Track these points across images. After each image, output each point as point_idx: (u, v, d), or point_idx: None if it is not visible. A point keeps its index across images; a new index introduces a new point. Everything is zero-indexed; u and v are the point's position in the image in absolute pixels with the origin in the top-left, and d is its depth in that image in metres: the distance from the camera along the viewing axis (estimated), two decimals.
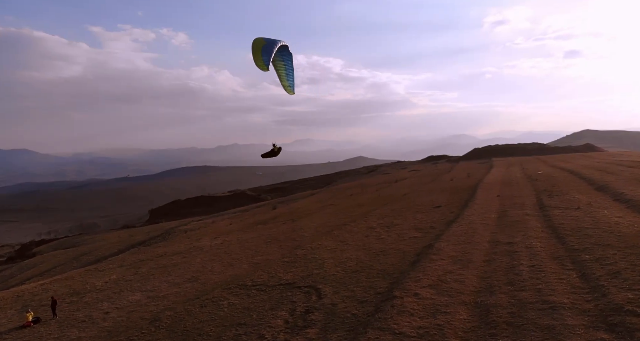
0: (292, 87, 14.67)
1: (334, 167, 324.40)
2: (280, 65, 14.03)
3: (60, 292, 15.84)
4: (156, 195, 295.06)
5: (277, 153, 15.19)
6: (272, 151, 15.08)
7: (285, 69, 14.18)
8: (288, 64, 14.13)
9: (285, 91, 14.72)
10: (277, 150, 15.12)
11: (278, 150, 15.15)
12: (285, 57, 13.88)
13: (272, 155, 15.17)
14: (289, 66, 14.18)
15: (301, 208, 40.77)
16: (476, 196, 28.54)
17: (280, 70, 14.15)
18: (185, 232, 41.21)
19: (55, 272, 33.31)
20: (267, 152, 15.23)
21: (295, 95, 14.67)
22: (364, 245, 16.79)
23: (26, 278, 34.75)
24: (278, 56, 13.64)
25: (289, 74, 14.38)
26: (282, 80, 14.37)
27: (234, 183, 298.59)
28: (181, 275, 15.45)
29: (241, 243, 21.99)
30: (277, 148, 15.10)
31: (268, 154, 15.20)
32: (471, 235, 16.24)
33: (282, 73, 14.20)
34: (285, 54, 13.79)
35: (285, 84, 14.55)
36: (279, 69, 14.11)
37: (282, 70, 14.18)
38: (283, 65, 14.09)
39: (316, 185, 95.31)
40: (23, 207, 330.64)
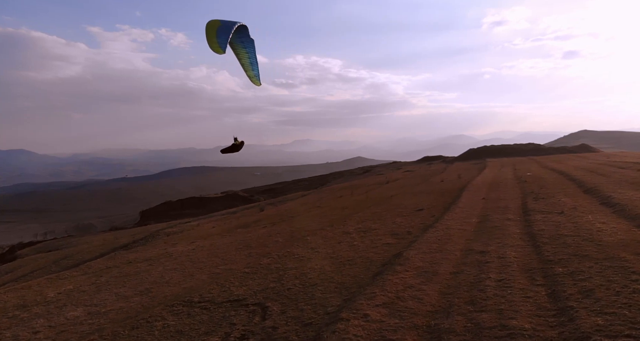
0: (258, 77, 13.58)
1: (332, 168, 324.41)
2: (242, 53, 12.81)
3: (9, 304, 14.82)
4: (154, 195, 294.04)
5: (239, 148, 14.19)
6: (233, 146, 14.09)
7: (248, 58, 12.97)
8: (251, 52, 12.89)
9: (251, 82, 13.64)
10: (240, 145, 14.13)
11: (240, 145, 14.16)
12: (246, 43, 12.62)
13: (234, 150, 14.19)
14: (252, 54, 12.94)
15: (287, 211, 39.86)
16: (461, 199, 27.67)
17: (243, 59, 12.95)
18: (167, 235, 40.23)
19: (31, 277, 32.31)
20: (227, 146, 14.22)
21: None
22: (333, 253, 15.85)
23: (1, 283, 33.74)
24: (238, 42, 12.47)
25: (253, 63, 13.19)
26: (247, 69, 13.21)
27: (232, 183, 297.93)
28: (135, 286, 14.46)
29: (212, 250, 21.03)
30: (239, 142, 14.11)
31: (228, 149, 14.20)
32: (445, 242, 15.32)
33: (246, 62, 13.03)
34: (245, 39, 12.51)
35: (251, 74, 13.43)
36: (241, 58, 12.92)
37: (245, 59, 12.99)
38: (245, 53, 12.87)
39: (309, 186, 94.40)
40: (20, 207, 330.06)
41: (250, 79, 13.51)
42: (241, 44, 12.58)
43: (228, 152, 14.23)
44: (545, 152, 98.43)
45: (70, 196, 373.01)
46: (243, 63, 12.97)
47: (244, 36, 12.36)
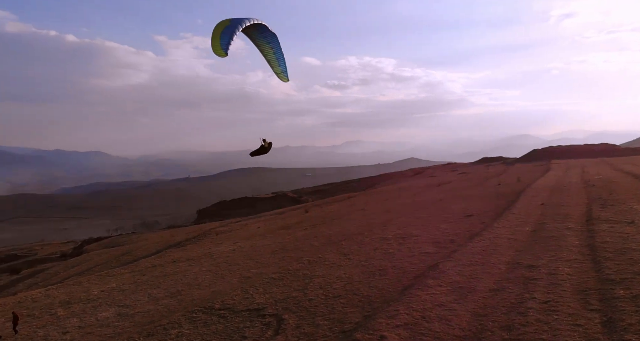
0: (285, 73, 13.18)
1: (383, 169, 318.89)
2: (266, 49, 12.42)
3: (57, 300, 15.71)
4: (213, 195, 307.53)
5: (267, 150, 13.89)
6: (261, 147, 13.82)
7: (274, 53, 12.56)
8: (276, 47, 12.45)
9: (278, 78, 13.29)
10: (268, 146, 13.83)
11: (269, 146, 13.86)
12: (269, 38, 12.20)
13: (263, 152, 13.92)
14: (277, 48, 12.51)
15: (331, 213, 39.38)
16: (517, 204, 25.46)
17: (268, 54, 12.56)
18: (217, 234, 41.43)
19: (92, 272, 34.69)
20: (256, 149, 13.98)
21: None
22: (366, 261, 15.06)
23: (66, 276, 36.70)
24: (261, 38, 12.09)
25: (279, 58, 12.78)
26: (273, 65, 12.84)
27: (284, 184, 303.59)
28: (169, 287, 14.70)
29: (250, 252, 21.07)
30: (267, 144, 13.81)
31: (257, 151, 13.95)
32: (490, 253, 13.93)
33: (272, 58, 12.64)
34: (267, 34, 12.09)
35: (278, 70, 13.04)
36: (267, 54, 12.53)
37: (270, 55, 12.60)
38: (270, 48, 12.46)
39: (358, 188, 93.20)
40: (94, 205, 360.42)
41: (278, 75, 13.14)
42: (264, 39, 12.19)
43: (257, 155, 14.02)
44: (620, 153, 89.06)
45: (138, 195, 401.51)
46: (269, 59, 12.61)
47: (265, 31, 11.95)
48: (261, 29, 11.69)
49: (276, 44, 12.33)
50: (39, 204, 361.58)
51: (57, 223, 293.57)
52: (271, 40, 12.20)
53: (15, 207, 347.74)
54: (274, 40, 12.24)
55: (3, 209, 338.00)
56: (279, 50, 12.51)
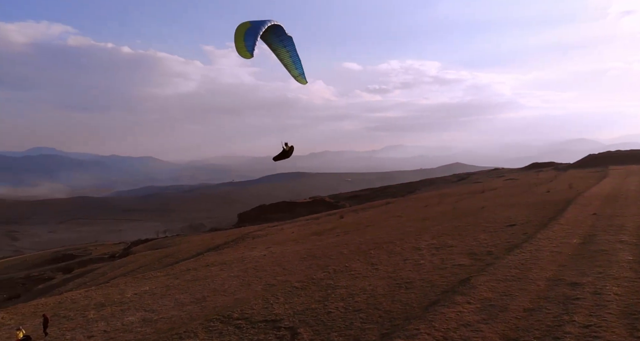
0: (303, 76, 13.03)
1: (426, 174, 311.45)
2: (282, 52, 12.32)
3: (92, 302, 16.33)
4: (255, 199, 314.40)
5: (289, 154, 13.75)
6: (283, 152, 13.69)
7: (290, 56, 12.44)
8: (292, 50, 12.33)
9: (297, 81, 13.15)
10: (289, 150, 13.68)
11: (290, 150, 13.71)
12: (286, 41, 12.10)
13: (285, 157, 13.79)
14: (293, 52, 12.39)
15: (365, 219, 38.64)
16: (566, 213, 23.61)
17: (285, 58, 12.47)
18: (253, 238, 41.93)
19: (136, 273, 36.17)
20: (278, 154, 13.88)
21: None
22: (394, 272, 14.42)
23: (112, 277, 38.50)
24: (277, 42, 12.01)
25: (296, 61, 12.65)
26: (291, 69, 12.72)
27: (324, 189, 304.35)
28: (196, 292, 14.84)
29: (279, 258, 20.98)
30: (289, 147, 13.66)
31: (280, 156, 13.84)
32: (529, 267, 12.85)
33: (289, 61, 12.54)
34: (284, 37, 12.00)
35: (295, 73, 12.90)
36: (283, 57, 12.45)
37: (287, 59, 12.50)
38: (286, 52, 12.35)
39: (397, 193, 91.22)
40: (146, 207, 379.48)
41: (296, 78, 12.98)
42: (280, 43, 12.09)
43: (279, 159, 13.93)
44: None
45: (186, 198, 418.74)
46: (286, 63, 12.49)
47: (281, 35, 11.84)
48: (278, 31, 11.62)
49: (292, 47, 12.22)
50: (95, 206, 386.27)
51: (112, 224, 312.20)
52: (287, 44, 12.11)
53: (74, 208, 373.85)
54: (290, 43, 12.14)
55: (64, 211, 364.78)
56: (295, 53, 12.39)
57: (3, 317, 14.89)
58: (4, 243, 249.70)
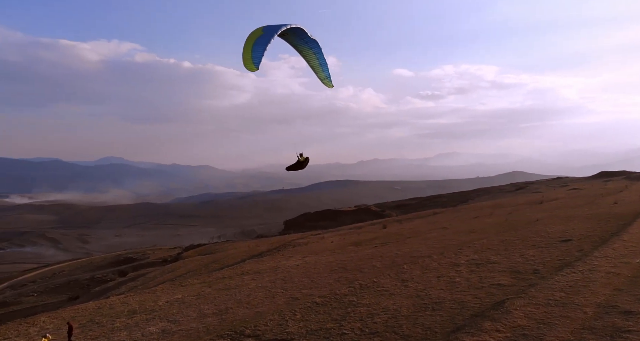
0: (329, 79, 12.66)
1: (483, 183, 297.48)
2: (309, 54, 12.01)
3: (127, 308, 16.83)
4: (303, 206, 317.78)
5: (304, 165, 13.33)
6: (297, 162, 13.30)
7: (317, 59, 12.13)
8: (318, 52, 12.00)
9: (323, 84, 12.81)
10: (304, 161, 13.27)
11: (305, 161, 13.29)
12: (311, 44, 11.77)
13: (299, 167, 13.39)
14: (319, 54, 12.04)
15: (408, 230, 37.15)
16: (631, 229, 21.01)
17: (312, 60, 12.16)
18: (294, 246, 41.89)
19: (183, 278, 37.39)
20: (292, 164, 13.52)
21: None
22: (423, 290, 13.41)
23: (161, 281, 40.04)
24: (303, 44, 11.72)
25: (322, 64, 12.32)
26: (317, 71, 12.41)
27: (372, 197, 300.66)
28: (221, 303, 14.79)
29: (311, 269, 20.54)
30: (304, 158, 13.25)
31: (294, 166, 13.47)
32: (578, 290, 11.33)
33: (316, 63, 12.24)
34: (308, 39, 11.65)
35: (322, 76, 12.57)
36: (310, 59, 12.15)
37: (314, 61, 12.19)
38: (313, 54, 12.04)
39: (447, 203, 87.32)
40: (202, 213, 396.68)
41: (322, 80, 12.62)
42: (305, 44, 11.75)
43: (293, 170, 13.56)
44: None
45: (240, 205, 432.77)
46: (312, 65, 12.16)
47: (305, 37, 11.50)
48: (300, 34, 11.36)
49: (318, 49, 11.93)
50: (157, 212, 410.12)
51: (172, 229, 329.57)
52: (313, 46, 11.83)
53: (138, 214, 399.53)
54: (316, 46, 11.84)
55: (129, 216, 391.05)
56: (321, 56, 12.09)
57: (44, 321, 15.74)
58: (76, 246, 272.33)
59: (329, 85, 12.84)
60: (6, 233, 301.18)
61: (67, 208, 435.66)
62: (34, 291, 73.99)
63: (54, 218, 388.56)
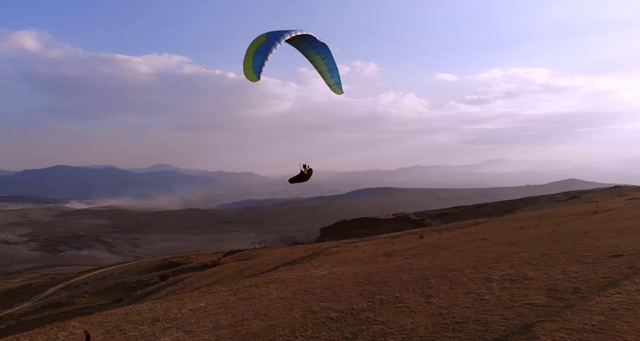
0: (339, 85, 12.23)
1: (534, 191, 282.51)
2: (317, 59, 11.60)
3: (152, 315, 17.12)
4: (342, 213, 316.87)
5: (307, 177, 12.91)
6: (301, 174, 12.91)
7: (326, 64, 11.70)
8: (327, 57, 11.53)
9: (332, 90, 12.39)
10: (308, 174, 12.84)
11: (308, 173, 12.86)
12: (320, 49, 11.36)
13: (302, 180, 12.99)
14: (328, 59, 11.57)
15: (445, 241, 35.57)
16: None
17: (320, 66, 11.76)
18: (326, 255, 41.39)
19: (219, 283, 38.03)
20: (295, 176, 13.13)
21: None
22: (447, 308, 12.53)
23: (198, 286, 40.97)
24: (311, 49, 11.34)
25: (332, 69, 11.87)
26: (326, 77, 11.99)
27: (413, 205, 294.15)
28: (239, 314, 14.66)
29: (335, 280, 20.05)
30: (307, 170, 12.83)
31: (297, 179, 13.08)
32: (621, 314, 10.05)
33: (324, 69, 11.82)
34: (317, 45, 11.26)
35: (331, 82, 12.15)
36: (318, 65, 11.75)
37: (322, 66, 11.78)
38: (322, 59, 11.62)
39: (492, 212, 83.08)
40: (245, 219, 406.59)
41: (331, 87, 12.19)
42: (314, 50, 11.33)
43: (296, 182, 13.17)
44: None
45: (280, 211, 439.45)
46: (321, 70, 11.75)
47: (313, 42, 11.08)
48: (309, 39, 10.98)
49: (328, 54, 11.46)
50: (203, 218, 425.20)
51: (216, 234, 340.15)
52: (322, 51, 11.41)
53: (186, 219, 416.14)
54: (325, 51, 11.40)
55: (177, 221, 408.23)
56: (331, 61, 11.60)
57: (74, 326, 16.31)
58: (127, 250, 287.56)
59: (338, 92, 12.41)
60: (66, 237, 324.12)
61: (121, 213, 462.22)
62: (86, 292, 78.44)
63: (108, 222, 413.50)
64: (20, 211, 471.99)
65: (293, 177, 13.53)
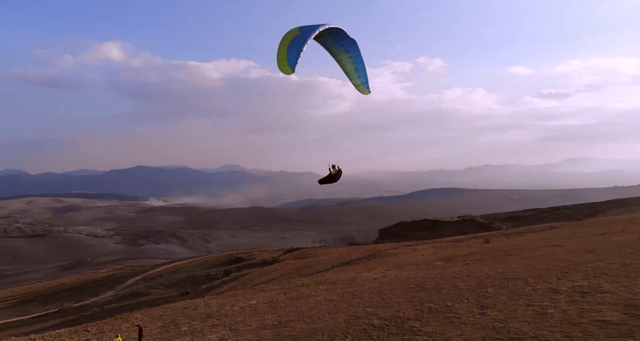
0: (366, 85, 11.48)
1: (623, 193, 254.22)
2: (344, 58, 10.88)
3: (206, 311, 17.78)
4: (403, 214, 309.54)
5: (336, 178, 12.41)
6: (329, 175, 12.46)
7: (352, 63, 10.93)
8: (355, 55, 10.76)
9: (357, 90, 11.71)
10: (337, 174, 12.35)
11: (337, 174, 12.35)
12: (348, 46, 10.61)
13: (331, 181, 12.52)
14: (356, 58, 10.80)
15: (513, 247, 33.02)
16: None
17: (346, 65, 11.04)
18: (382, 257, 40.47)
19: (277, 281, 38.90)
20: (324, 177, 12.68)
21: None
22: (503, 321, 11.44)
23: (257, 283, 42.20)
24: (338, 47, 10.66)
25: (359, 69, 11.09)
26: (352, 77, 11.29)
27: (481, 207, 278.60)
28: (284, 314, 14.74)
29: (385, 284, 19.43)
30: (336, 170, 12.33)
31: (326, 180, 12.63)
32: None
33: (350, 69, 11.11)
34: (345, 42, 10.50)
35: (357, 82, 11.44)
36: (344, 64, 11.02)
37: (349, 66, 11.06)
38: (348, 58, 10.87)
39: (570, 216, 75.60)
40: (305, 218, 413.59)
41: (357, 87, 11.47)
42: (341, 48, 10.65)
43: (325, 183, 12.70)
44: None
45: (339, 211, 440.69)
46: (348, 70, 11.05)
47: (342, 38, 10.42)
48: (338, 35, 10.31)
49: (355, 52, 10.72)
50: (267, 216, 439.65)
51: (279, 232, 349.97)
52: (350, 49, 10.68)
53: (251, 217, 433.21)
54: (353, 48, 10.66)
55: (243, 219, 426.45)
56: (359, 59, 10.83)
57: (136, 318, 17.44)
58: (199, 245, 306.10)
59: (365, 92, 11.71)
60: (146, 232, 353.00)
61: (193, 211, 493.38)
62: (160, 284, 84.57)
63: (182, 219, 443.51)
64: (107, 208, 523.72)
65: (322, 178, 13.23)
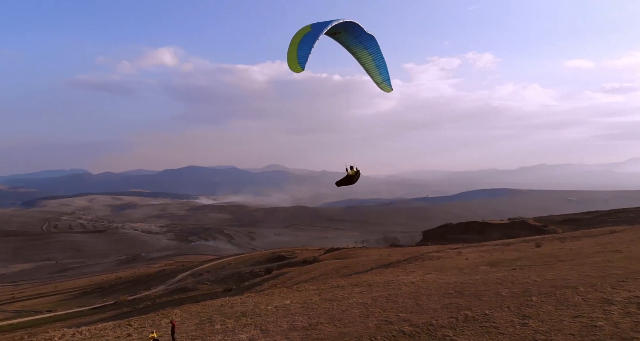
0: (388, 82, 10.91)
1: None
2: (364, 55, 10.37)
3: (241, 309, 18.08)
4: (449, 216, 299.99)
5: (354, 180, 12.00)
6: (347, 177, 12.07)
7: (373, 60, 10.40)
8: (374, 52, 10.20)
9: (379, 88, 11.18)
10: (354, 175, 11.93)
11: (354, 175, 11.94)
12: (366, 43, 10.07)
13: (349, 182, 12.12)
14: (376, 54, 10.23)
15: (567, 251, 30.79)
16: None
17: (366, 62, 10.53)
18: (424, 260, 39.32)
19: (316, 280, 39.02)
20: (341, 178, 12.31)
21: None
22: (545, 333, 10.58)
23: (297, 282, 42.53)
24: (356, 43, 10.14)
25: (380, 65, 10.56)
26: (373, 75, 10.77)
27: (536, 209, 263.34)
28: (315, 316, 14.65)
29: (424, 288, 18.80)
30: (354, 172, 11.92)
31: (343, 181, 12.25)
32: None
33: (371, 65, 10.60)
34: (363, 38, 9.97)
35: (379, 79, 10.91)
36: (364, 61, 10.51)
37: (369, 63, 10.55)
38: (368, 54, 10.35)
39: (634, 220, 69.23)
40: (348, 218, 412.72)
41: (379, 85, 10.90)
42: (360, 44, 10.07)
43: (343, 184, 12.26)
44: None
45: (383, 211, 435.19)
46: (368, 67, 10.49)
47: (359, 35, 9.82)
48: (355, 31, 9.79)
49: (375, 48, 10.15)
50: (310, 215, 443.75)
51: (321, 232, 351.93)
52: (369, 45, 10.11)
53: (294, 215, 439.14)
54: (372, 44, 10.09)
55: (287, 217, 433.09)
56: (379, 55, 10.25)
57: (176, 314, 18.06)
58: (245, 242, 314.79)
59: (387, 90, 11.16)
60: (195, 229, 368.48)
61: (240, 209, 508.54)
62: (207, 280, 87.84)
63: (229, 217, 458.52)
64: (160, 205, 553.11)
65: (339, 180, 12.91)
